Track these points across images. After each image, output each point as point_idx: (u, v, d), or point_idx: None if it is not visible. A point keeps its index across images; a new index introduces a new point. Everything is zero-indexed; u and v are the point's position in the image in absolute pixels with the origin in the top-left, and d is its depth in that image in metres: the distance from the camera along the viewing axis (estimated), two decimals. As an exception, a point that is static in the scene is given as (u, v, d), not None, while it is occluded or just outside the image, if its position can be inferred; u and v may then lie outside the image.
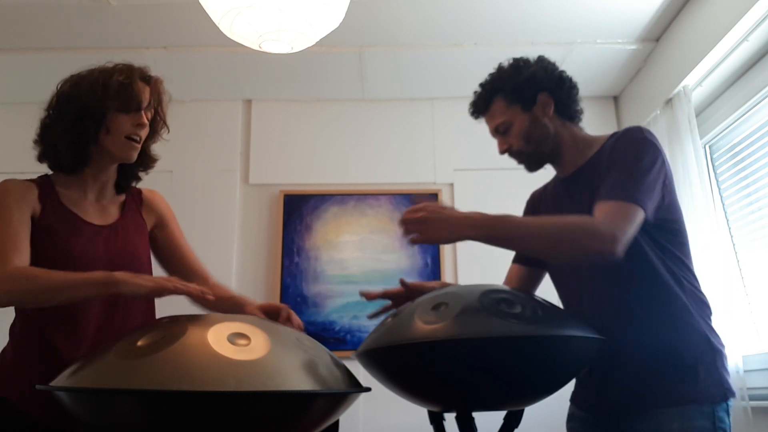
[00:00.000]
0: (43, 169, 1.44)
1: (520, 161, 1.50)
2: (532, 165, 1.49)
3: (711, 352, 1.30)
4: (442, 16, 2.73)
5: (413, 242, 1.25)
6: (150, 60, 1.43)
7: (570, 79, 1.49)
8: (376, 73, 3.20)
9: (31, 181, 1.39)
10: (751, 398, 2.21)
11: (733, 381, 2.17)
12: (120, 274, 1.19)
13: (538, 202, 1.60)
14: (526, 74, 1.45)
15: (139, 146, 1.42)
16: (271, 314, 1.41)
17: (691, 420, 1.24)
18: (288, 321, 1.39)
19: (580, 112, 1.50)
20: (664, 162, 1.33)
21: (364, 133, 3.42)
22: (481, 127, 1.52)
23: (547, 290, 1.49)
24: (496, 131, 1.49)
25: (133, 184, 1.53)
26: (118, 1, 2.60)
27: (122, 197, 1.51)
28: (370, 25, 2.80)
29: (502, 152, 1.50)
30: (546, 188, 1.59)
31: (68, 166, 1.39)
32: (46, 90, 1.41)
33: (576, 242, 1.23)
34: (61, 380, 0.99)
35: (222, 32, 1.92)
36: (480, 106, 1.51)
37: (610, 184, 1.28)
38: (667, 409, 1.25)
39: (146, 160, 1.50)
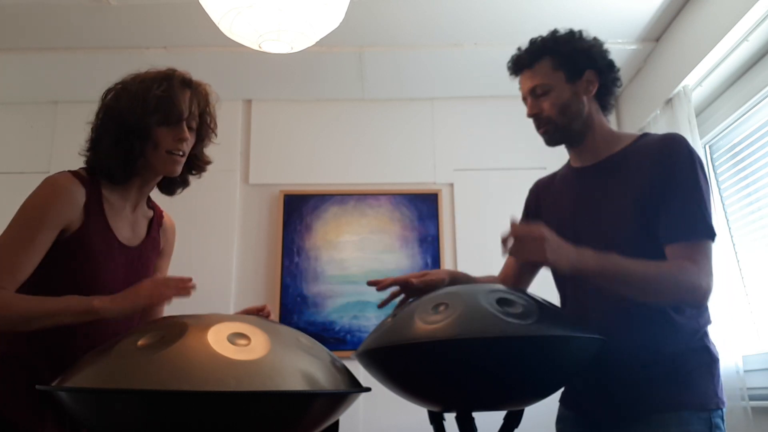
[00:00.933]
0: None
1: (545, 131, 1.43)
2: (555, 138, 1.44)
3: (708, 359, 1.30)
4: (442, 16, 2.73)
5: (520, 258, 1.27)
6: (150, 60, 1.42)
7: (618, 70, 1.46)
8: (376, 73, 3.20)
9: (81, 180, 1.33)
10: (751, 398, 2.21)
11: (733, 381, 2.20)
12: (98, 302, 1.17)
13: (544, 191, 1.57)
14: (584, 45, 1.41)
15: (182, 159, 1.39)
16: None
17: (688, 425, 1.23)
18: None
19: (613, 105, 1.48)
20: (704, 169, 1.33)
21: (364, 133, 3.42)
22: (482, 127, 1.52)
23: (547, 290, 1.49)
24: (532, 92, 1.42)
25: (180, 190, 1.52)
26: (118, 1, 2.60)
27: (151, 212, 1.49)
28: (370, 25, 2.80)
29: (530, 115, 1.44)
30: (554, 177, 1.56)
31: (119, 180, 1.36)
32: (46, 90, 1.41)
33: (674, 294, 1.24)
34: (61, 380, 0.99)
35: (222, 32, 1.92)
36: (524, 61, 1.44)
37: (680, 220, 1.26)
38: (662, 414, 1.25)
39: (198, 164, 1.48)
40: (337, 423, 1.11)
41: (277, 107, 3.45)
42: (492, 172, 3.27)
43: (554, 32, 1.44)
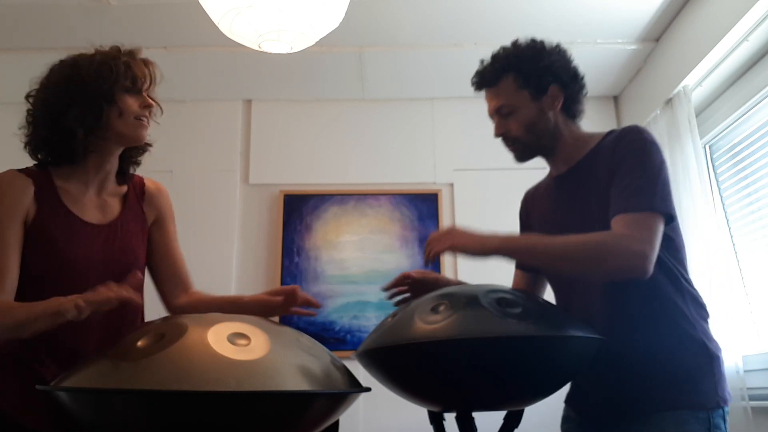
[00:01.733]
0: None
1: (513, 149, 1.44)
2: (525, 155, 1.45)
3: (707, 357, 1.28)
4: (442, 16, 2.73)
5: (435, 254, 1.28)
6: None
7: (582, 77, 1.44)
8: (376, 73, 3.20)
9: (27, 173, 1.33)
10: (751, 398, 2.21)
11: (733, 381, 2.20)
12: (63, 304, 1.12)
13: (531, 201, 1.58)
14: (546, 61, 1.39)
15: (148, 126, 1.39)
16: (281, 294, 1.43)
17: (685, 425, 1.22)
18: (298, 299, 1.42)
19: (583, 111, 1.47)
20: (665, 161, 1.31)
21: (364, 133, 3.42)
22: (481, 127, 1.52)
23: (547, 291, 1.49)
24: (498, 112, 1.42)
25: (132, 171, 1.49)
26: (118, 1, 2.60)
27: (124, 188, 1.45)
28: (370, 25, 2.80)
29: (497, 135, 1.44)
30: (539, 187, 1.57)
31: (81, 153, 1.34)
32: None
33: (604, 262, 1.20)
34: (61, 380, 0.99)
35: (222, 32, 1.92)
36: (487, 80, 1.43)
37: (623, 194, 1.25)
38: (661, 413, 1.24)
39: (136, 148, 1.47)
40: (337, 423, 1.11)
41: (277, 107, 3.45)
42: (492, 172, 3.27)
43: (516, 45, 1.43)
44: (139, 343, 0.97)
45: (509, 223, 1.61)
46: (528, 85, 1.38)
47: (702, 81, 2.61)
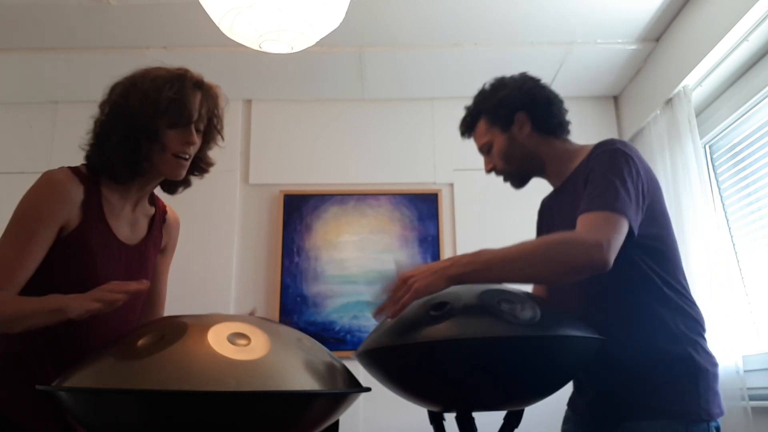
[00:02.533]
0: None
1: (504, 179, 1.54)
2: (516, 182, 1.54)
3: (692, 370, 1.26)
4: (442, 16, 2.73)
5: (398, 308, 1.14)
6: (150, 60, 1.41)
7: (547, 96, 1.49)
8: (376, 73, 3.20)
9: (81, 178, 1.30)
10: (751, 398, 2.21)
11: (733, 381, 2.20)
12: (65, 301, 1.12)
13: (544, 210, 1.62)
14: (503, 93, 1.49)
15: (187, 164, 1.36)
16: None
17: None
18: None
19: (563, 124, 1.50)
20: (639, 172, 1.30)
21: (364, 133, 3.42)
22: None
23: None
24: (482, 151, 1.55)
25: (181, 189, 1.48)
26: (118, 1, 2.60)
27: (152, 210, 1.46)
28: (370, 25, 2.80)
29: (488, 171, 1.55)
30: (551, 197, 1.59)
31: (122, 179, 1.33)
32: (46, 90, 1.40)
33: (563, 258, 1.18)
34: (61, 380, 0.99)
35: (222, 32, 1.92)
36: (467, 127, 1.58)
37: (587, 198, 1.27)
38: (637, 422, 1.24)
39: (201, 165, 1.45)
40: (337, 423, 1.11)
41: (277, 107, 3.45)
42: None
43: (482, 89, 1.54)
44: (139, 343, 0.97)
45: (509, 223, 1.63)
46: (496, 121, 1.49)
47: (702, 81, 2.61)
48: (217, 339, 0.95)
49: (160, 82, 1.30)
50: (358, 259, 3.19)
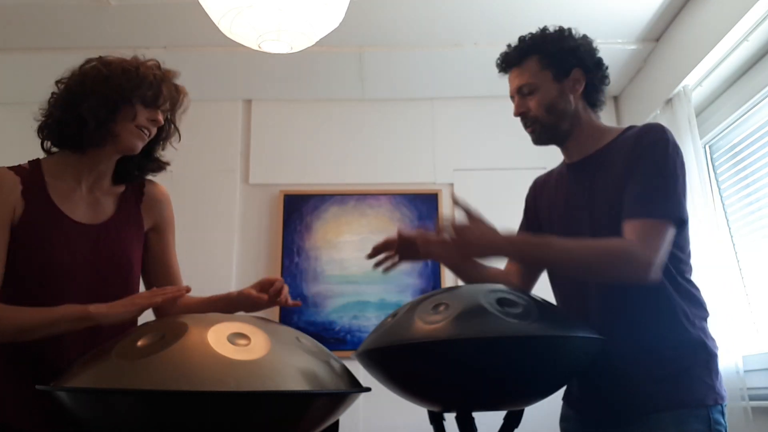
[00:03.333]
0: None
1: (532, 129, 1.45)
2: (543, 137, 1.45)
3: (705, 355, 1.28)
4: (442, 16, 2.73)
5: (438, 259, 1.23)
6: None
7: (606, 68, 1.47)
8: (376, 73, 3.20)
9: (16, 171, 1.32)
10: (751, 398, 2.21)
11: (733, 381, 2.20)
12: (95, 309, 1.15)
13: (541, 187, 1.58)
14: (572, 44, 1.42)
15: (146, 138, 1.38)
16: (264, 287, 1.39)
17: (685, 424, 1.22)
18: (279, 293, 1.38)
19: (603, 102, 1.48)
20: (683, 163, 1.31)
21: (364, 133, 3.42)
22: (482, 127, 1.52)
23: (547, 290, 1.49)
24: (519, 91, 1.44)
25: (127, 186, 1.46)
26: (118, 1, 2.60)
27: (121, 188, 1.43)
28: (370, 25, 2.80)
29: (517, 114, 1.45)
30: (551, 174, 1.57)
31: (86, 142, 1.33)
32: (46, 90, 1.40)
33: (612, 268, 1.23)
34: (61, 380, 0.99)
35: (222, 32, 1.92)
36: (512, 59, 1.46)
37: (637, 198, 1.25)
38: (661, 414, 1.24)
39: (152, 165, 1.46)
40: (337, 423, 1.11)
41: (277, 107, 3.45)
42: (492, 172, 3.27)
43: (544, 30, 1.46)
44: (139, 343, 0.97)
45: (509, 223, 1.61)
46: (551, 65, 1.41)
47: (702, 81, 2.61)
48: (217, 339, 0.95)
49: (144, 61, 1.40)
50: (358, 259, 3.19)
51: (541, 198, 1.56)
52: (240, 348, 0.95)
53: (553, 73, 1.41)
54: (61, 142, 1.35)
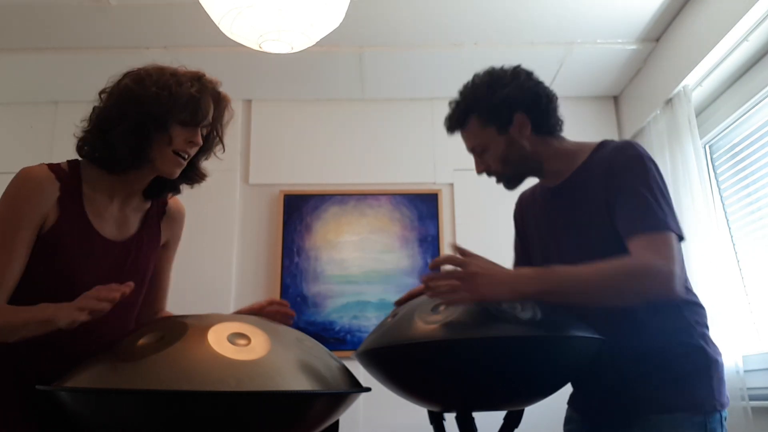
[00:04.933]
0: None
1: (498, 181, 1.46)
2: (511, 184, 1.46)
3: (705, 361, 1.27)
4: (442, 16, 2.73)
5: (452, 301, 1.12)
6: (150, 60, 1.40)
7: (546, 94, 1.42)
8: (376, 73, 3.20)
9: (57, 175, 1.25)
10: (751, 398, 2.21)
11: (733, 381, 2.20)
12: (53, 311, 1.07)
13: (526, 206, 1.56)
14: (501, 94, 1.38)
15: (184, 163, 1.33)
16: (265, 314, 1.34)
17: (680, 428, 1.22)
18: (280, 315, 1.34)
19: (560, 123, 1.44)
20: (662, 175, 1.30)
21: (364, 133, 3.42)
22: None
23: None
24: (472, 151, 1.45)
25: (169, 196, 1.44)
26: (118, 1, 2.60)
27: (147, 204, 1.40)
28: (370, 25, 2.80)
29: (479, 173, 1.46)
30: (534, 192, 1.55)
31: (121, 169, 1.28)
32: (46, 90, 1.39)
33: (637, 288, 1.18)
34: (61, 380, 0.99)
35: (222, 32, 1.92)
36: (454, 123, 1.46)
37: (634, 215, 1.23)
38: (656, 416, 1.24)
39: (192, 175, 1.41)
40: (337, 423, 1.11)
41: (277, 107, 3.45)
42: (492, 172, 3.27)
43: (473, 85, 1.44)
44: (139, 343, 0.97)
45: (509, 223, 1.61)
46: (490, 122, 1.39)
47: (702, 81, 2.61)
48: (217, 339, 0.95)
49: (180, 76, 1.28)
50: (358, 259, 3.19)
51: (528, 216, 1.54)
52: (240, 348, 0.95)
53: (496, 127, 1.39)
54: (97, 162, 1.30)
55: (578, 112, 3.25)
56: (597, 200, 1.31)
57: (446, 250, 3.20)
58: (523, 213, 1.57)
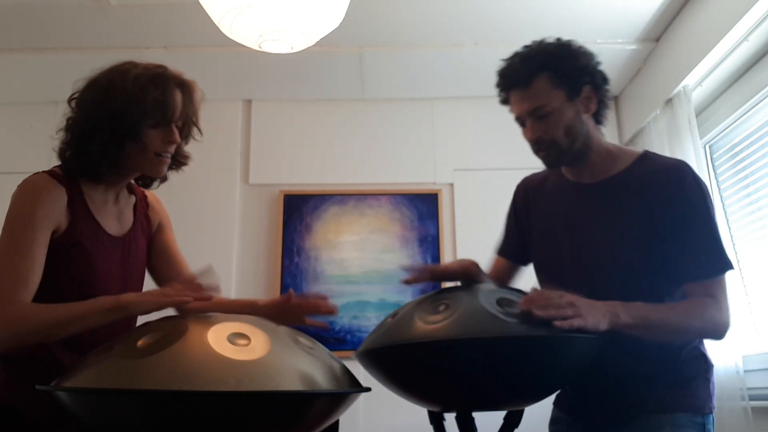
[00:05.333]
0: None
1: (547, 153, 1.35)
2: (560, 160, 1.36)
3: (705, 365, 1.32)
4: (442, 16, 2.73)
5: (568, 326, 1.08)
6: (150, 60, 1.40)
7: (609, 81, 1.39)
8: (376, 73, 3.20)
9: (60, 181, 1.30)
10: (751, 398, 2.21)
11: (733, 381, 2.20)
12: (127, 297, 1.15)
13: (533, 193, 1.51)
14: (583, 60, 1.33)
15: (168, 161, 1.37)
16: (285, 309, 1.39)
17: (681, 427, 1.24)
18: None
19: (607, 119, 1.41)
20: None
21: (364, 133, 3.42)
22: (481, 127, 1.50)
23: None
24: (531, 114, 1.32)
25: (156, 184, 1.48)
26: (118, 1, 2.60)
27: (133, 198, 1.46)
28: (370, 25, 2.80)
29: (531, 139, 1.35)
30: (545, 182, 1.49)
31: (103, 178, 1.34)
32: (46, 90, 1.39)
33: (700, 333, 1.28)
34: (61, 380, 0.99)
35: (222, 32, 1.92)
36: (519, 79, 1.33)
37: (696, 256, 1.24)
38: (659, 415, 1.25)
39: (178, 160, 1.45)
40: (337, 423, 1.11)
41: (277, 107, 3.45)
42: (492, 172, 3.27)
43: (550, 45, 1.35)
44: (139, 343, 0.97)
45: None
46: (563, 84, 1.31)
47: (702, 81, 2.61)
48: (217, 339, 0.95)
49: (142, 81, 1.29)
50: (358, 259, 3.19)
51: (535, 204, 1.49)
52: (240, 348, 0.95)
53: (566, 92, 1.31)
54: (82, 174, 1.33)
55: (578, 112, 3.25)
56: (640, 214, 1.29)
57: (446, 250, 3.20)
58: (527, 200, 1.52)
